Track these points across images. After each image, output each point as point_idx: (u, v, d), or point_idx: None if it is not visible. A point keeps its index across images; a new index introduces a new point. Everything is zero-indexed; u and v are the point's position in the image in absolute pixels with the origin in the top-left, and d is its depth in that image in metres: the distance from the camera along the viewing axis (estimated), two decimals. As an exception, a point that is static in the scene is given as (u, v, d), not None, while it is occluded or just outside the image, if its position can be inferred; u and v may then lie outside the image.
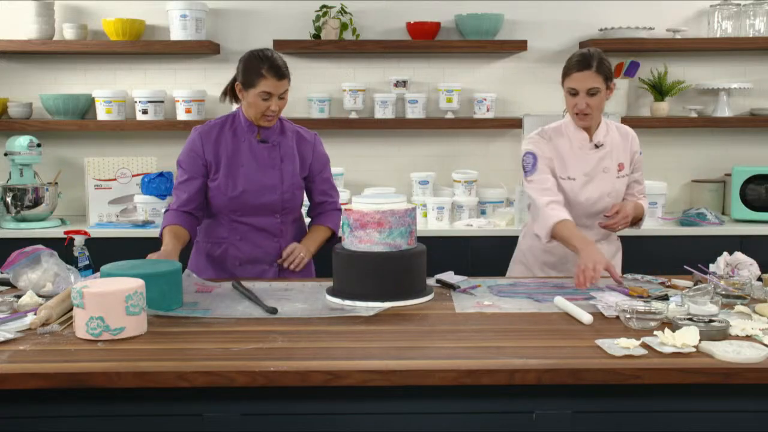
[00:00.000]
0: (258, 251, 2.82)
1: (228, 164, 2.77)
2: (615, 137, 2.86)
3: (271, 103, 2.69)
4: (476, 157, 4.40)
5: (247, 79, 2.69)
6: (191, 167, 2.78)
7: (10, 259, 2.49)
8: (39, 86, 4.30)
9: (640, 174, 2.94)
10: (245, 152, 2.78)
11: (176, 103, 4.20)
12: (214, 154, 2.77)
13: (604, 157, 2.82)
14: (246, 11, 4.33)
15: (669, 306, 2.13)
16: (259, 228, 2.81)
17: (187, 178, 2.78)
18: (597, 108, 2.73)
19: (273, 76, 2.67)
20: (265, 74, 2.66)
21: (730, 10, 4.24)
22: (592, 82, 2.67)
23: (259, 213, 2.79)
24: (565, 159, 2.81)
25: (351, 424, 1.85)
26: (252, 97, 2.69)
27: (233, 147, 2.78)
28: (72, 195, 4.29)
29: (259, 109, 2.71)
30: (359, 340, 2.01)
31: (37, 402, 1.82)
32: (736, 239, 3.86)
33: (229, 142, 2.79)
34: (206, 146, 2.78)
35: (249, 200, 2.77)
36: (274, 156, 2.81)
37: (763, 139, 4.43)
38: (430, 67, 4.38)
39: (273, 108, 2.70)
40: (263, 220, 2.80)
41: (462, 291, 2.51)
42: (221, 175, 2.77)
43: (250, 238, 2.81)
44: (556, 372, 1.78)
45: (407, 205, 2.41)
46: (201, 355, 1.88)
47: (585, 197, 2.81)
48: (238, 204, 2.77)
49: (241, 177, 2.76)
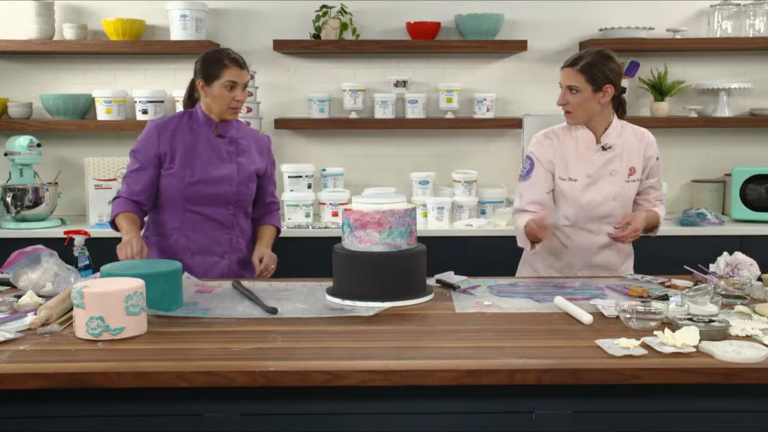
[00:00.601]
0: (209, 242, 2.86)
1: (185, 155, 2.82)
2: (629, 140, 2.80)
3: (236, 93, 2.78)
4: (476, 157, 4.40)
5: (209, 73, 2.78)
6: (145, 157, 2.84)
7: (10, 259, 2.49)
8: (39, 86, 4.30)
9: (657, 180, 2.87)
10: (203, 145, 2.85)
11: (176, 103, 4.20)
12: (170, 145, 2.83)
13: (612, 159, 2.78)
14: (246, 11, 4.33)
15: (669, 306, 2.13)
16: (212, 218, 2.86)
17: (138, 167, 2.84)
18: (578, 107, 2.71)
19: (235, 65, 2.78)
20: (228, 64, 2.77)
21: (730, 10, 4.24)
22: (571, 80, 2.70)
23: (212, 203, 2.84)
24: (568, 159, 2.79)
25: (351, 424, 1.85)
26: (217, 89, 2.78)
27: (190, 140, 2.85)
28: (72, 195, 4.29)
29: (224, 101, 2.79)
30: (359, 340, 2.01)
31: (37, 402, 1.82)
32: (736, 239, 3.86)
33: (187, 135, 2.86)
34: (162, 138, 2.84)
35: (204, 190, 2.82)
36: (231, 150, 2.88)
37: (763, 139, 4.44)
38: (430, 67, 4.38)
39: (238, 98, 2.79)
40: (216, 210, 2.86)
41: (462, 291, 2.51)
42: (177, 165, 2.82)
43: (203, 228, 2.86)
44: (556, 372, 1.78)
45: (407, 205, 2.41)
46: (201, 355, 1.88)
47: (587, 199, 2.77)
48: (192, 192, 2.82)
49: (198, 167, 2.82)
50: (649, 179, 2.86)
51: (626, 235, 2.69)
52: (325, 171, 4.23)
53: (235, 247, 2.91)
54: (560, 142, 2.81)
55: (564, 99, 2.73)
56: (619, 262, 2.88)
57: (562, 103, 2.74)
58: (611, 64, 2.71)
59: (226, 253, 2.89)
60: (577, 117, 2.75)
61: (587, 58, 2.70)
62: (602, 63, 2.69)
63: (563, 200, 2.80)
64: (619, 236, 2.71)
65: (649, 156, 2.83)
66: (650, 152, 2.83)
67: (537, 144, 2.84)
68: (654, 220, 2.85)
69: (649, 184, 2.86)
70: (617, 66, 2.73)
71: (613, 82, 2.71)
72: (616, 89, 2.74)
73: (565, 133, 2.82)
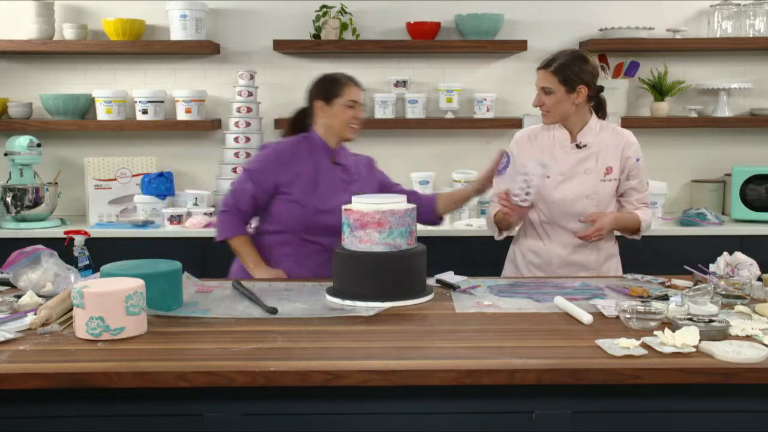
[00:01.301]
0: (321, 271, 2.79)
1: (304, 184, 2.82)
2: (607, 140, 2.84)
3: (357, 110, 2.88)
4: (476, 157, 4.39)
5: (331, 92, 2.86)
6: (262, 181, 2.83)
7: (10, 259, 2.49)
8: (39, 86, 4.30)
9: (638, 182, 2.87)
10: (323, 173, 2.87)
11: (176, 103, 4.20)
12: (291, 171, 2.83)
13: (586, 158, 2.82)
14: (246, 11, 4.33)
15: (669, 306, 2.13)
16: (327, 249, 2.78)
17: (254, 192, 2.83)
18: (553, 107, 2.77)
19: (355, 85, 2.91)
20: (349, 83, 2.89)
21: (730, 10, 4.24)
22: (545, 81, 2.77)
23: (329, 233, 2.79)
24: (543, 157, 2.84)
25: (351, 424, 1.85)
26: (338, 107, 2.85)
27: (311, 167, 2.86)
28: (72, 195, 4.29)
29: (346, 118, 2.86)
30: (359, 340, 2.01)
31: (37, 402, 1.82)
32: (736, 239, 3.86)
33: (307, 162, 2.86)
34: (281, 164, 2.83)
35: (325, 220, 2.79)
36: (345, 179, 2.91)
37: (763, 139, 4.43)
38: (430, 67, 4.38)
39: (358, 115, 2.89)
40: (333, 239, 2.74)
41: (462, 291, 2.51)
42: (299, 193, 2.81)
43: (317, 258, 2.83)
44: (556, 372, 1.78)
45: (407, 205, 2.41)
46: (201, 355, 1.88)
47: (560, 196, 2.81)
48: (313, 222, 2.81)
49: (318, 197, 2.82)
50: (630, 180, 2.87)
51: (589, 234, 2.73)
52: (325, 171, 4.23)
53: None
54: (538, 141, 2.89)
55: (539, 100, 2.80)
56: (598, 262, 2.89)
57: (537, 104, 2.82)
58: (585, 65, 2.76)
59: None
60: (552, 117, 2.82)
61: (561, 59, 2.76)
62: (575, 64, 2.75)
63: (538, 197, 2.84)
64: (582, 234, 2.74)
65: (627, 156, 2.85)
66: (629, 153, 2.85)
67: (515, 142, 2.96)
68: (630, 223, 2.85)
69: (630, 186, 2.88)
70: (592, 67, 2.79)
71: (586, 83, 2.76)
72: (591, 89, 2.78)
73: (543, 132, 2.91)
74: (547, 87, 2.76)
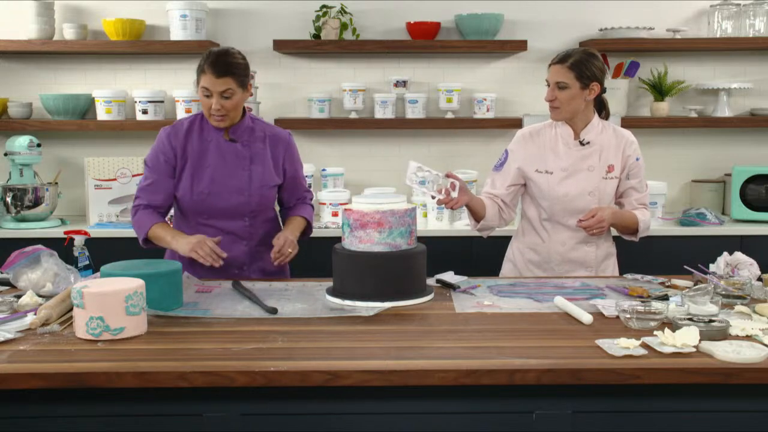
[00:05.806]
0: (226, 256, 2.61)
1: (194, 164, 2.69)
2: (609, 138, 2.86)
3: (211, 101, 2.60)
4: (476, 157, 4.40)
5: (197, 74, 2.63)
6: (156, 169, 2.71)
7: (10, 259, 2.49)
8: (39, 86, 4.30)
9: (638, 181, 2.89)
10: (212, 152, 2.70)
11: (176, 103, 4.20)
12: (181, 153, 2.69)
13: (589, 155, 2.84)
14: (246, 11, 4.33)
15: (669, 306, 2.13)
16: (227, 231, 2.71)
17: (151, 182, 2.71)
18: (566, 103, 2.78)
19: (211, 72, 2.57)
20: (205, 70, 2.58)
21: (730, 10, 4.24)
22: (560, 76, 2.77)
23: (225, 216, 2.71)
24: (546, 154, 2.86)
25: (351, 424, 1.85)
26: (198, 92, 2.63)
27: (200, 147, 2.70)
28: (72, 195, 4.29)
29: (204, 107, 2.65)
30: (359, 340, 2.01)
31: (37, 402, 1.82)
32: (736, 239, 3.86)
33: (196, 141, 2.71)
34: (174, 146, 2.69)
35: (215, 203, 2.69)
36: (243, 156, 2.72)
37: (763, 139, 4.43)
38: (430, 67, 4.38)
39: (214, 106, 2.60)
40: (231, 223, 2.72)
41: (462, 291, 2.51)
42: (186, 176, 2.69)
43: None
44: (556, 372, 1.78)
45: (407, 205, 2.41)
46: (201, 355, 1.88)
47: (563, 192, 2.82)
48: (203, 206, 2.70)
49: (207, 178, 2.68)
50: (629, 180, 2.88)
51: (590, 225, 2.72)
52: (325, 171, 4.23)
53: (255, 257, 2.78)
54: (540, 139, 2.90)
55: (552, 95, 2.79)
56: (597, 260, 2.90)
57: (550, 99, 2.81)
58: (598, 63, 2.80)
59: (244, 265, 2.76)
60: (562, 113, 2.82)
61: (576, 56, 2.78)
62: (589, 61, 2.78)
63: (539, 194, 2.86)
64: (584, 225, 2.74)
65: (628, 155, 2.87)
66: (629, 151, 2.87)
67: (516, 141, 2.96)
68: (629, 221, 2.85)
69: (629, 185, 2.89)
70: (602, 65, 2.82)
71: (599, 80, 2.79)
72: (602, 87, 2.82)
73: (546, 130, 2.91)
74: (562, 82, 2.76)
